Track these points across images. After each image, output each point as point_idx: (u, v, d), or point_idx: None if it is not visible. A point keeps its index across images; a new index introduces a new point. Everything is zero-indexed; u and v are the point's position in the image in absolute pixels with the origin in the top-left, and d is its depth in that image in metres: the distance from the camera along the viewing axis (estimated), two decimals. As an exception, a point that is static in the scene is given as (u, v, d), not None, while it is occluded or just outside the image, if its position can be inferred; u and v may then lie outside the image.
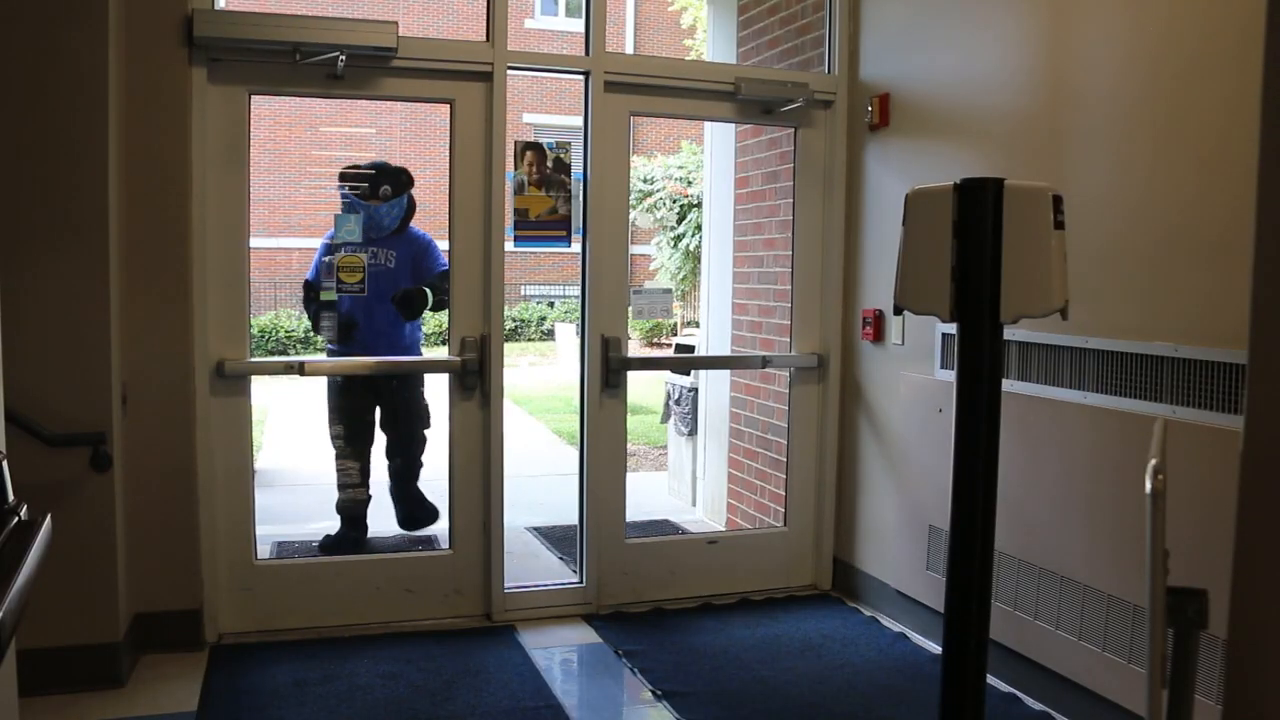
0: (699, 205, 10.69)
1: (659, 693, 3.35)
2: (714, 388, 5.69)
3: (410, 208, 4.67)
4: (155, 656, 3.50)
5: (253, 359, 3.75)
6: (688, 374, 6.05)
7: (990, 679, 2.73)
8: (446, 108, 3.86)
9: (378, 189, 4.60)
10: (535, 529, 5.47)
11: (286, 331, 15.21)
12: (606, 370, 4.03)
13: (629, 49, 19.48)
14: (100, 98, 3.18)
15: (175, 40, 3.46)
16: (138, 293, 3.45)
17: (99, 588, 3.25)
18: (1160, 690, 1.40)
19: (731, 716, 3.18)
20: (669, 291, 12.27)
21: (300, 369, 3.96)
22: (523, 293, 19.21)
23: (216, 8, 3.65)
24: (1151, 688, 1.40)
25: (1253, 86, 1.32)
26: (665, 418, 6.50)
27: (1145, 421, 2.79)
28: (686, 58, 14.23)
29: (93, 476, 3.20)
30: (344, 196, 4.55)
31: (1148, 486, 1.46)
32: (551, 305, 19.02)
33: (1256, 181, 1.29)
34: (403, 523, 4.86)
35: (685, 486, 6.18)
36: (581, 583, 4.11)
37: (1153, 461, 1.49)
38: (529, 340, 17.81)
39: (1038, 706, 3.24)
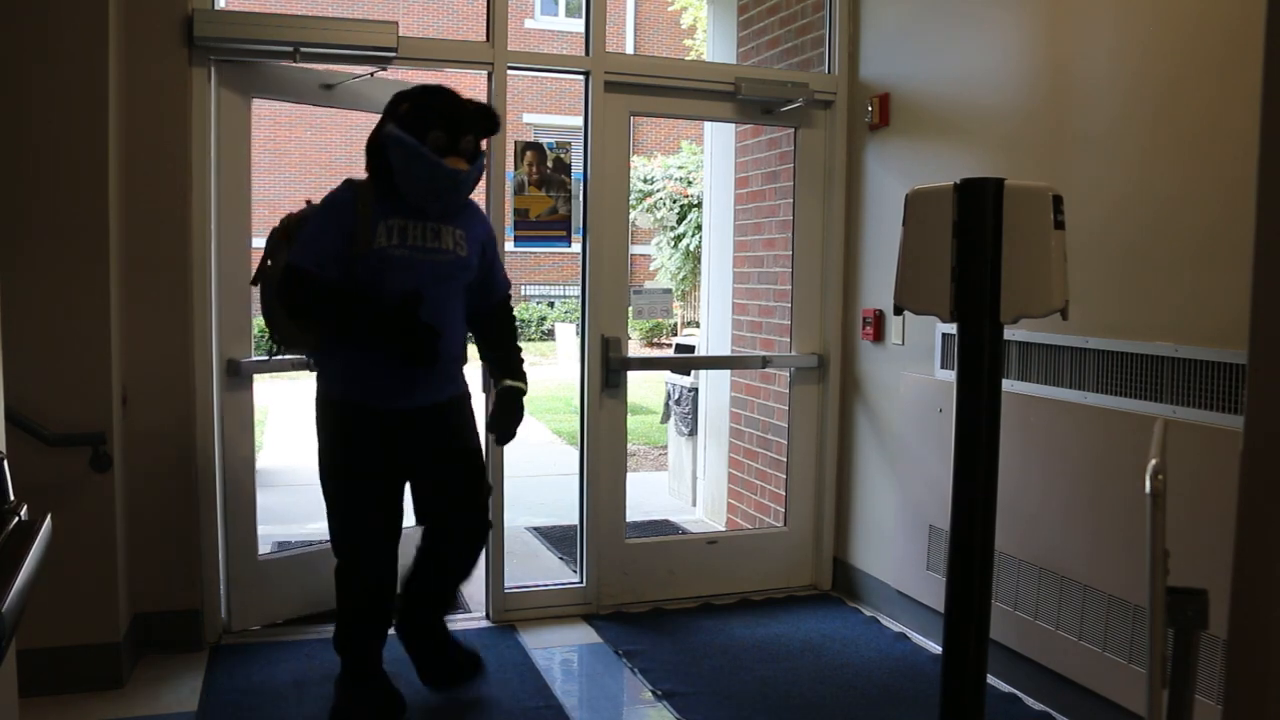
0: (699, 205, 10.69)
1: (659, 693, 3.35)
2: (714, 388, 5.69)
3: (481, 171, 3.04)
4: (155, 656, 3.50)
5: (257, 356, 3.75)
6: (688, 374, 6.05)
7: (990, 679, 2.74)
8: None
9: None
10: (535, 529, 5.47)
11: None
12: (606, 370, 4.03)
13: (629, 49, 19.48)
14: (100, 98, 3.18)
15: (175, 40, 3.46)
16: (138, 293, 3.44)
17: (99, 588, 3.25)
18: (1160, 690, 1.41)
19: (731, 716, 3.18)
20: (669, 291, 12.28)
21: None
22: (523, 293, 19.21)
23: (216, 8, 3.65)
24: (1151, 688, 1.40)
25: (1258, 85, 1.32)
26: (665, 418, 6.50)
27: (1145, 421, 2.79)
28: (686, 58, 14.23)
29: (93, 476, 3.20)
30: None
31: (1148, 487, 1.46)
32: (551, 305, 19.03)
33: (1256, 181, 1.29)
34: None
35: (685, 486, 6.18)
36: (581, 583, 4.11)
37: (1153, 462, 1.49)
38: (529, 340, 17.81)
39: (1038, 706, 3.24)
